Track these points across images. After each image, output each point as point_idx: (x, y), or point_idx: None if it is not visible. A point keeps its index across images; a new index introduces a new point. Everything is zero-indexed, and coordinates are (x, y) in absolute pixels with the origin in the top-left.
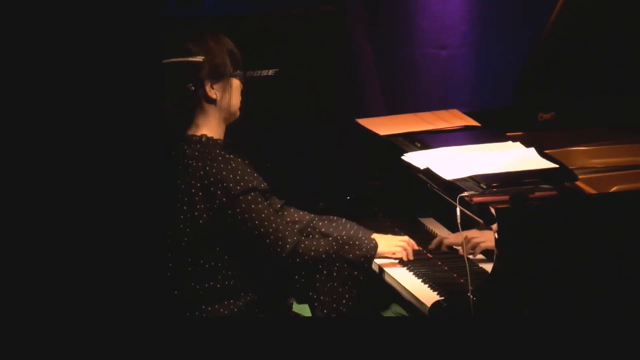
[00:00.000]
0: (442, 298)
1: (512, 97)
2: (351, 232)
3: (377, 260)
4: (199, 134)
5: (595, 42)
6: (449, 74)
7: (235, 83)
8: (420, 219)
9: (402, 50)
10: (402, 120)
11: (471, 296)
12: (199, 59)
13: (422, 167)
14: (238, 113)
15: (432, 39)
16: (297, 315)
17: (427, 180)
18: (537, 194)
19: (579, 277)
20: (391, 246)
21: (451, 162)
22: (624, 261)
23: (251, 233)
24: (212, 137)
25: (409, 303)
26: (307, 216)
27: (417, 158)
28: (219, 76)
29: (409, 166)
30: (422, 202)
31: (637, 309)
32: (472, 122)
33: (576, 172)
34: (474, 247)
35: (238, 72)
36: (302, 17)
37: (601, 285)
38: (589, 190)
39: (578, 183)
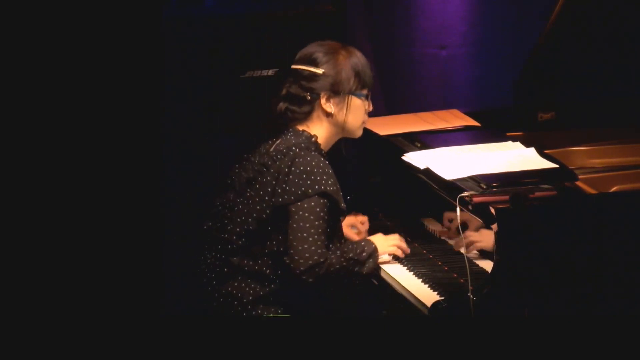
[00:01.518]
0: (442, 298)
1: (512, 97)
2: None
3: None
4: (311, 133)
5: (595, 42)
6: (449, 74)
7: (356, 102)
8: (420, 219)
9: (402, 50)
10: (402, 120)
11: (471, 296)
12: (320, 71)
13: (422, 167)
14: (358, 132)
15: (432, 39)
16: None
17: (427, 180)
18: (537, 194)
19: (579, 277)
20: (385, 246)
21: (451, 162)
22: (624, 261)
23: (292, 229)
24: (320, 143)
25: (409, 303)
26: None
27: (417, 158)
28: (337, 92)
29: (409, 166)
30: (422, 202)
31: (637, 309)
32: (472, 122)
33: (576, 172)
34: (468, 245)
35: (362, 91)
36: (302, 17)
37: (601, 285)
38: (589, 190)
39: (578, 183)
